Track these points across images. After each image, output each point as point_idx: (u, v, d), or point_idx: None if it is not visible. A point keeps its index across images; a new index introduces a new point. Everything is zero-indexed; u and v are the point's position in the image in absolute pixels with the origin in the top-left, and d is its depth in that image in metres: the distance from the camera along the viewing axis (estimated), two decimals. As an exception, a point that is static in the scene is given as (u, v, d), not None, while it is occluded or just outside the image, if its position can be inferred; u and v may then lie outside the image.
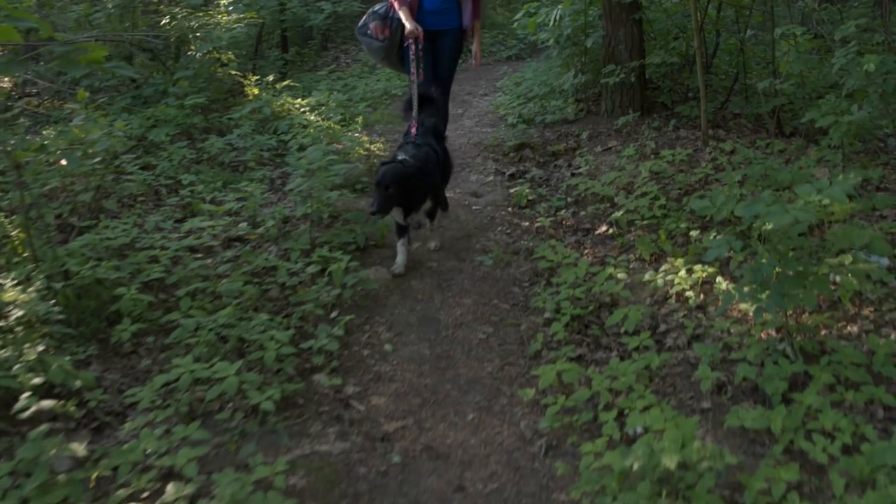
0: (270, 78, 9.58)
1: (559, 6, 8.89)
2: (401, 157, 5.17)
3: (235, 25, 9.13)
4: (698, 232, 5.45)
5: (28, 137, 6.21)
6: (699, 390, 3.80)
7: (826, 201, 3.64)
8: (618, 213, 6.03)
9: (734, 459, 2.96)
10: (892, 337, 3.96)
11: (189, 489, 3.06)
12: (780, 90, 7.13)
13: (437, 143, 5.68)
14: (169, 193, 6.69)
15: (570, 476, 3.30)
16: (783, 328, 4.04)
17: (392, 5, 6.18)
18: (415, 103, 5.73)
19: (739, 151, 6.55)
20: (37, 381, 3.61)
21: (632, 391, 3.75)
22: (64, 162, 5.51)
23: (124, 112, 8.12)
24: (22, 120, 7.83)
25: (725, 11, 8.29)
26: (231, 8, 9.51)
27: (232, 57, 9.21)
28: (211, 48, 8.58)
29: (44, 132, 6.82)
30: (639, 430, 3.35)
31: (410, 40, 5.94)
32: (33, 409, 3.44)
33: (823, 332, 4.11)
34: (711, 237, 4.92)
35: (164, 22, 8.99)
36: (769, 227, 3.71)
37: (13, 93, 9.88)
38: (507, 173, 7.61)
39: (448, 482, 3.34)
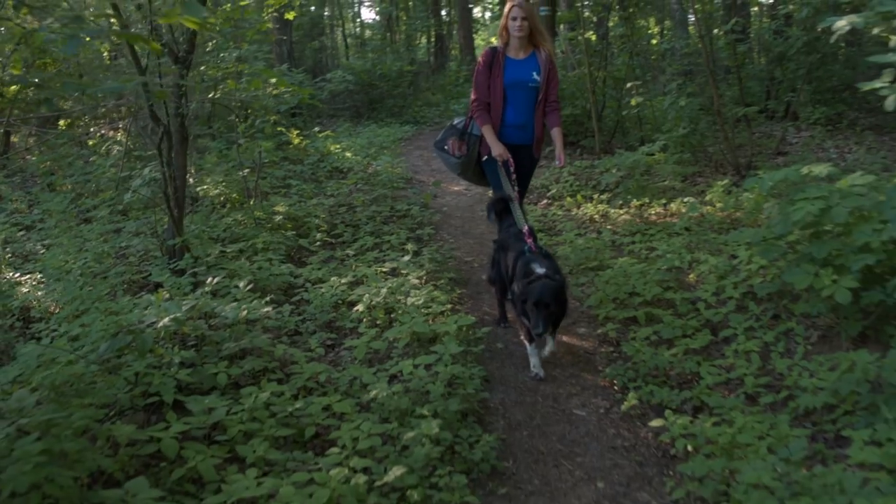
0: (316, 129, 14.12)
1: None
2: (540, 270, 4.98)
3: (285, 95, 13.51)
4: (598, 194, 10.14)
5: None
6: (605, 240, 8.38)
7: (650, 154, 8.45)
8: (553, 191, 10.70)
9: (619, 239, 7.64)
10: (686, 218, 8.60)
11: (410, 255, 7.37)
12: (638, 119, 12.03)
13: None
14: (283, 190, 11.00)
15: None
16: (638, 218, 8.74)
17: (470, 120, 6.30)
18: (517, 215, 5.77)
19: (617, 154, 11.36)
20: (317, 237, 8.01)
21: (573, 241, 8.29)
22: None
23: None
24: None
25: (608, 82, 13.17)
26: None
27: (278, 117, 13.62)
28: (280, 110, 12.94)
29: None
30: (581, 239, 7.88)
31: (500, 162, 5.98)
32: (319, 242, 7.85)
33: (656, 220, 8.77)
34: (602, 172, 9.73)
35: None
36: (626, 163, 8.46)
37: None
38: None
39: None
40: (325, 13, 29.43)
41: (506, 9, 6.03)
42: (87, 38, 3.14)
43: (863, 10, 4.81)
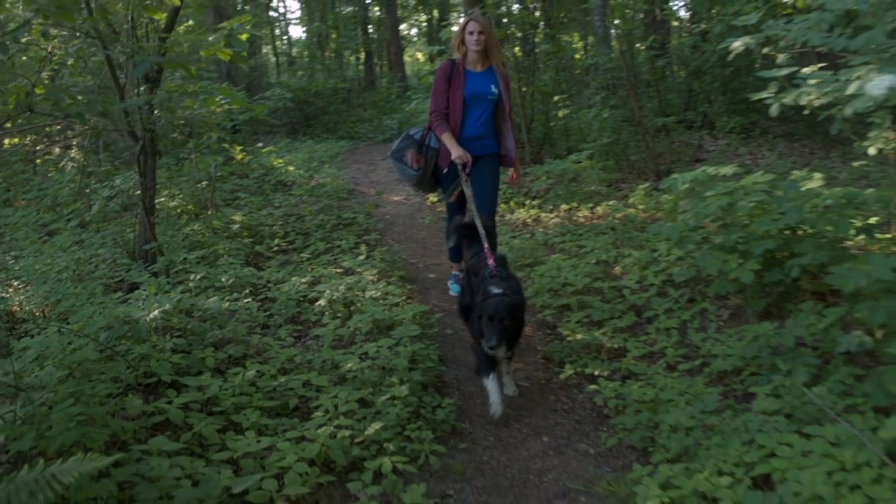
0: (260, 145, 14.64)
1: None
2: (496, 290, 4.89)
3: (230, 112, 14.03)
4: (529, 200, 10.88)
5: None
6: (538, 240, 9.10)
7: (577, 162, 9.22)
8: (489, 198, 11.42)
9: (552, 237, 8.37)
10: (611, 219, 9.37)
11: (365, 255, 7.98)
12: (565, 130, 12.85)
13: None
14: (234, 202, 11.50)
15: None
16: (567, 220, 9.50)
17: (429, 130, 6.32)
18: (482, 232, 5.54)
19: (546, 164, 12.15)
20: (274, 242, 8.58)
21: (510, 242, 9.00)
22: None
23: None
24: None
25: (536, 96, 13.99)
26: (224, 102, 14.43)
27: (223, 133, 14.13)
28: (225, 127, 13.46)
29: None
30: (517, 240, 8.59)
31: (460, 165, 5.94)
32: (276, 248, 8.42)
33: (584, 222, 9.54)
34: (533, 180, 10.48)
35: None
36: (555, 171, 9.22)
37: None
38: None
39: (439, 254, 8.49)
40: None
41: (462, 22, 6.23)
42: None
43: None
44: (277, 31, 39.17)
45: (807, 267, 5.35)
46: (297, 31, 60.80)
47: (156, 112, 7.01)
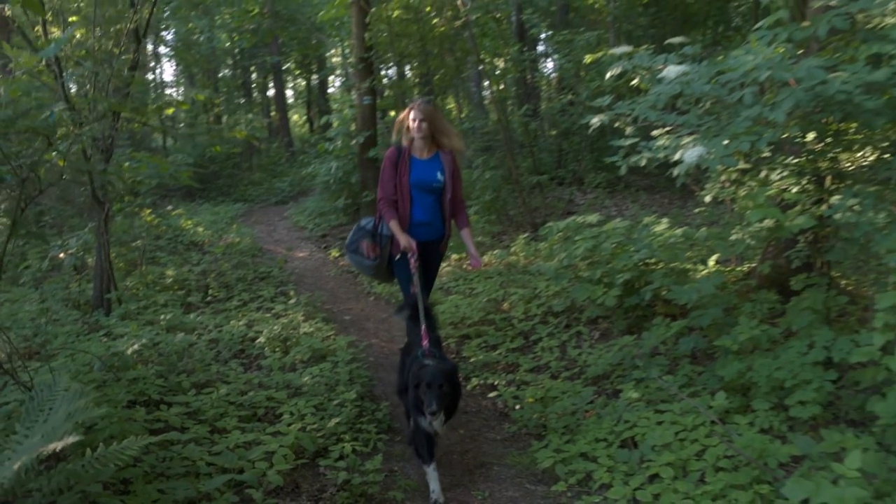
0: (169, 208, 15.61)
1: (332, 163, 15.70)
2: (430, 362, 5.01)
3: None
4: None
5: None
6: (435, 287, 10.44)
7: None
8: (388, 250, 12.76)
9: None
10: (497, 265, 10.80)
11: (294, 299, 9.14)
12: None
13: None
14: (154, 260, 12.44)
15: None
16: (458, 269, 10.91)
17: (380, 219, 6.20)
18: (422, 317, 5.58)
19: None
20: (208, 293, 9.67)
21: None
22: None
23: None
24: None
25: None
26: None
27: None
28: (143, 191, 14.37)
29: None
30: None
31: (409, 254, 5.89)
32: (208, 299, 9.51)
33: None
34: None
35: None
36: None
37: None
38: (323, 246, 14.21)
39: (354, 299, 9.73)
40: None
41: (406, 110, 6.17)
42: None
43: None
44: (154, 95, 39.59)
45: (657, 292, 6.87)
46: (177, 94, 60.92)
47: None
